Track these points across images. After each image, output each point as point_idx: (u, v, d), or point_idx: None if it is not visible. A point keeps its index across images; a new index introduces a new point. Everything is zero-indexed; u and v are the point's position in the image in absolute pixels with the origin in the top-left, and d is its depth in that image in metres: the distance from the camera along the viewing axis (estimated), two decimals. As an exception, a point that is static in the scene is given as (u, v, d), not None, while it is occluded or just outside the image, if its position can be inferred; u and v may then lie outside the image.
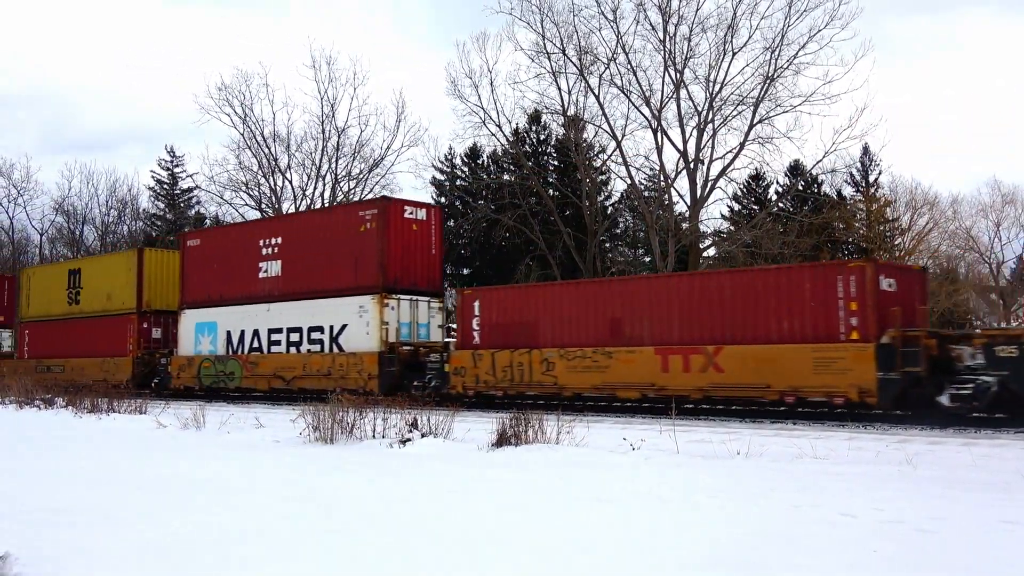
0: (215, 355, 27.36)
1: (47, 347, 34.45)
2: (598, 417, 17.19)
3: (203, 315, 27.91)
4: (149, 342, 30.38)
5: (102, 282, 32.26)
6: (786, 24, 34.70)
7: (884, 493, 7.93)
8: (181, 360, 28.38)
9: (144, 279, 30.38)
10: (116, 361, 30.39)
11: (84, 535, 6.53)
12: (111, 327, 31.02)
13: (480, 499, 8.10)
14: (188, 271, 28.77)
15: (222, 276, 27.53)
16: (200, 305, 28.03)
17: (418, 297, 23.47)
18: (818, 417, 16.06)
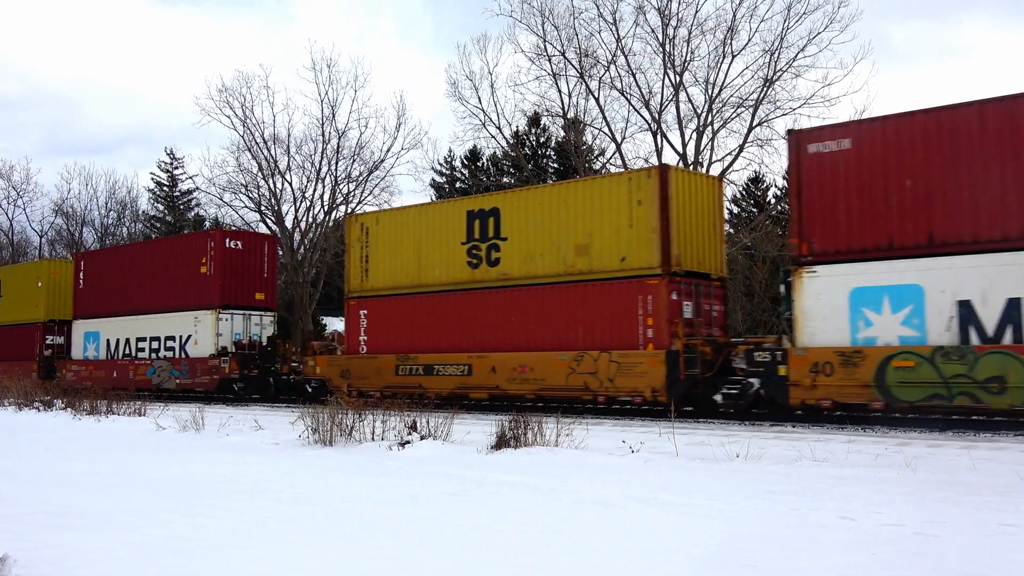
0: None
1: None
2: (597, 420, 17.20)
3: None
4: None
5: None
6: (785, 27, 34.74)
7: (883, 496, 7.93)
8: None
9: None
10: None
11: (83, 537, 6.53)
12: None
13: (479, 502, 8.10)
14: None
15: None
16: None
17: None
18: (817, 420, 16.08)
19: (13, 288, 36.32)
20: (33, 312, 34.75)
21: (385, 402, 14.18)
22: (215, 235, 28.20)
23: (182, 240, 31.57)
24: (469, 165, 52.98)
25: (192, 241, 29.56)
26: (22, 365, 33.91)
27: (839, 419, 16.01)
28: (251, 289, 28.19)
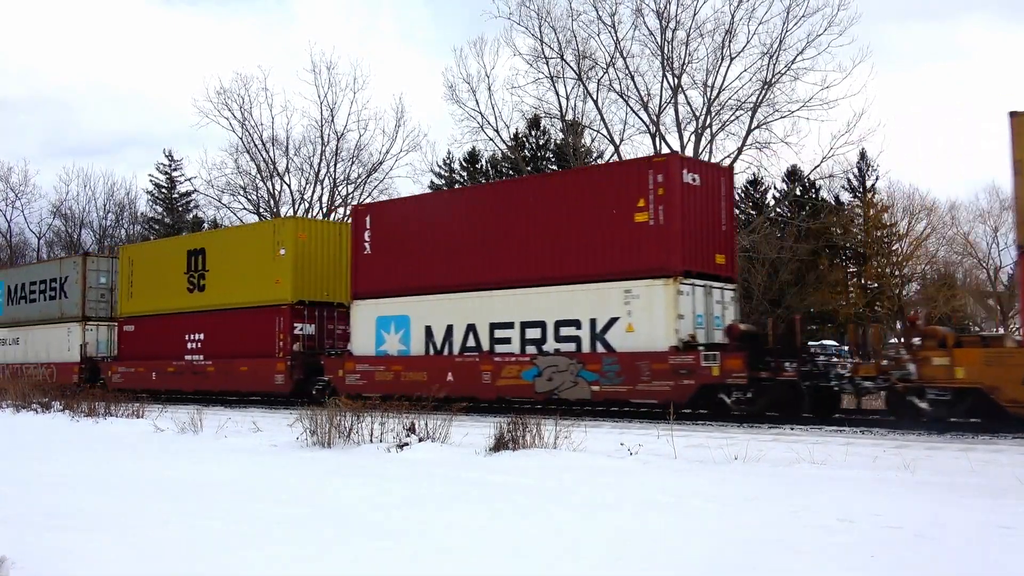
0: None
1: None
2: (596, 422, 17.20)
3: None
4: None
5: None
6: (784, 29, 34.81)
7: (882, 498, 7.93)
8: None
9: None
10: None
11: (81, 539, 6.53)
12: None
13: (477, 503, 8.10)
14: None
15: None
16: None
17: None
18: (815, 423, 16.08)
19: (230, 258, 26.66)
20: (270, 291, 25.04)
21: (384, 404, 14.16)
22: (666, 162, 17.91)
23: (590, 174, 21.29)
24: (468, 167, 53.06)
25: (615, 174, 19.08)
26: (254, 364, 25.20)
27: (837, 421, 16.02)
28: (710, 248, 18.61)
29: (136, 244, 37.40)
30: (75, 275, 32.50)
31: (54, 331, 32.96)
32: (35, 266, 38.18)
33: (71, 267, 33.13)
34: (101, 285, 32.44)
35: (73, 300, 32.42)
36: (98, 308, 32.22)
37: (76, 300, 32.27)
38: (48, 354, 33.10)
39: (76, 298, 32.27)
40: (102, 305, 32.24)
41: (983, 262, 55.44)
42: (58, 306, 33.14)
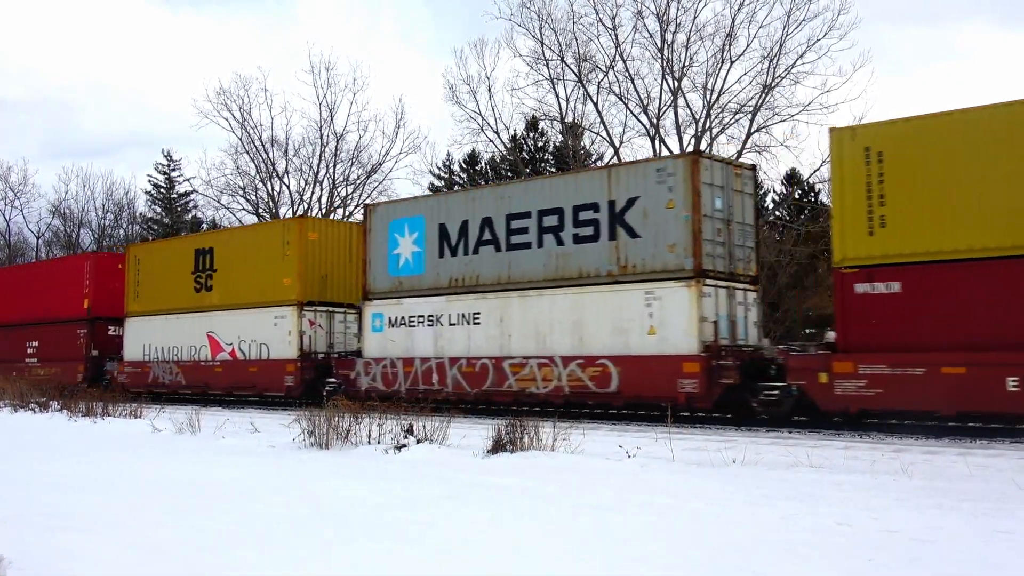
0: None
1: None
2: (594, 424, 17.20)
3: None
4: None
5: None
6: (784, 33, 34.85)
7: (880, 502, 7.94)
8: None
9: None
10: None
11: (79, 539, 6.52)
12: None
13: (475, 506, 8.09)
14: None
15: None
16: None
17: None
18: (815, 426, 16.09)
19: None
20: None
21: (382, 405, 14.17)
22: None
23: None
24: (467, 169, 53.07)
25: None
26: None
27: (836, 425, 16.02)
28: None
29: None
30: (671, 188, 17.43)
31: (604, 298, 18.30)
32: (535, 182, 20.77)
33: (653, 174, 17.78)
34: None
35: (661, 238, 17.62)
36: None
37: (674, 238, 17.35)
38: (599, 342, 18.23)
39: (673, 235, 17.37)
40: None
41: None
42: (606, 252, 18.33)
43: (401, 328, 21.53)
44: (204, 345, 26.87)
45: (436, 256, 21.06)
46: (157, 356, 28.35)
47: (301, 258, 24.22)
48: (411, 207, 22.11)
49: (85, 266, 32.09)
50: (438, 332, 20.79)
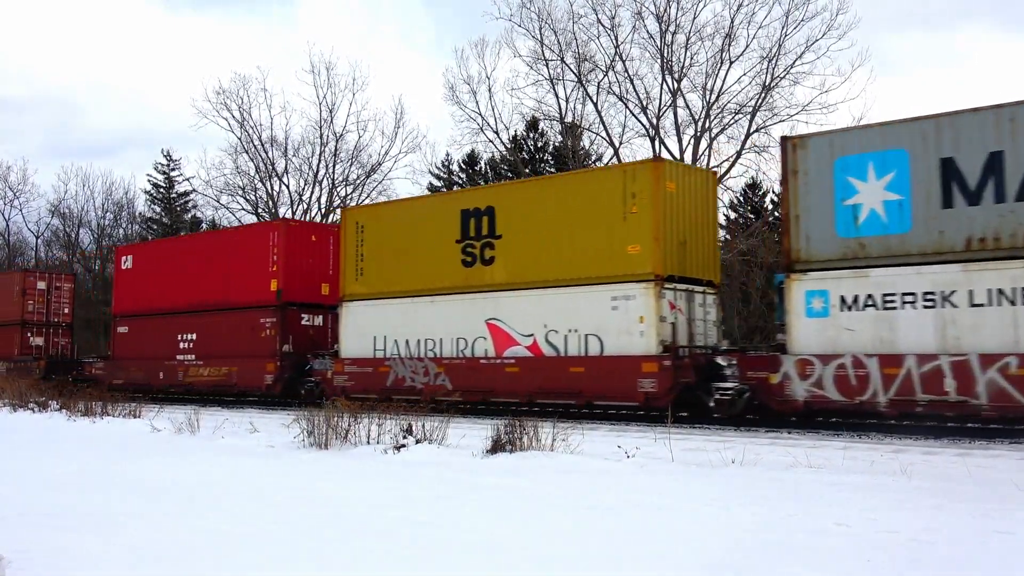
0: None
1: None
2: (593, 424, 17.19)
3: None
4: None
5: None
6: (783, 34, 34.83)
7: (878, 503, 7.94)
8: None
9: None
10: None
11: (77, 539, 6.52)
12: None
13: (474, 506, 8.09)
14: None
15: None
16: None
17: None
18: (814, 427, 16.09)
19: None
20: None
21: (381, 405, 14.17)
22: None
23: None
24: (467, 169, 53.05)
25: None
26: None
27: (835, 426, 16.03)
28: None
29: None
30: None
31: None
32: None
33: None
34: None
35: None
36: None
37: None
38: None
39: None
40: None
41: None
42: None
43: (867, 311, 15.29)
44: (483, 336, 20.16)
45: (936, 205, 14.75)
46: (398, 352, 21.59)
47: (657, 216, 17.81)
48: (878, 137, 15.48)
49: (272, 237, 25.34)
50: (946, 316, 14.47)
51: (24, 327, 37.10)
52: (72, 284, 40.04)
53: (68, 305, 38.87)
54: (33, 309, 37.38)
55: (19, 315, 36.97)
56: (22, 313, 36.92)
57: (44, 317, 37.74)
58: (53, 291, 38.15)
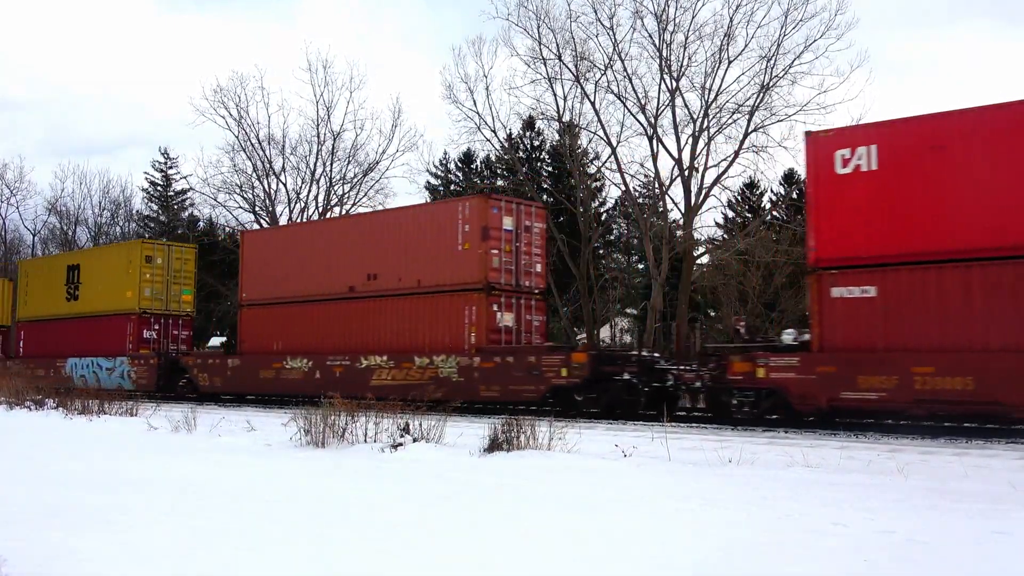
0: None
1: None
2: (590, 423, 17.20)
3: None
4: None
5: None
6: (782, 33, 34.76)
7: (875, 502, 7.94)
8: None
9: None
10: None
11: (75, 537, 6.50)
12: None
13: (471, 505, 8.08)
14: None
15: None
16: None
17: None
18: (810, 426, 16.10)
19: None
20: None
21: (378, 404, 14.15)
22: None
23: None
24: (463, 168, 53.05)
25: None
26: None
27: (832, 425, 16.04)
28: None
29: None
30: None
31: None
32: None
33: None
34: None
35: None
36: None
37: None
38: None
39: None
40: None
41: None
42: None
43: None
44: None
45: None
46: None
47: None
48: None
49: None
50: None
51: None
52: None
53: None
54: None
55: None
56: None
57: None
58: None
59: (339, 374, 23.22)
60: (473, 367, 20.72)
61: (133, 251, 31.26)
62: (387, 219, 24.63)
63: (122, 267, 30.92)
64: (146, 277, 30.45)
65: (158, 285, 30.75)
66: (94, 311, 31.84)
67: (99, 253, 36.10)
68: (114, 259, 31.98)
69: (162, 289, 30.82)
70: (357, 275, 23.75)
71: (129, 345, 30.35)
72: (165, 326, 30.95)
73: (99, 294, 31.68)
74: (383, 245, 23.40)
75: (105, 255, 33.80)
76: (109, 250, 36.21)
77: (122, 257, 31.39)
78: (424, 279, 22.24)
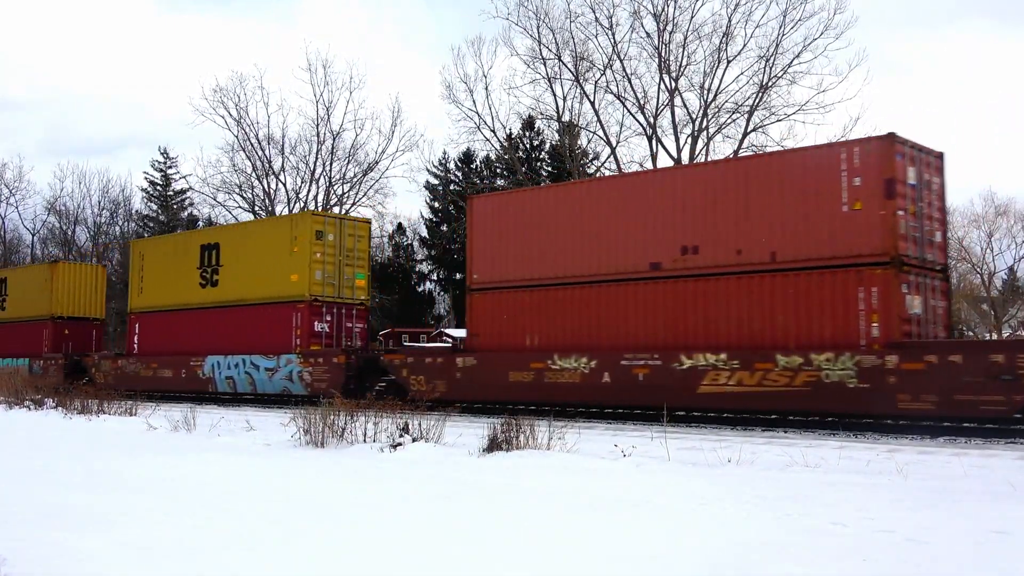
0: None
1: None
2: (589, 423, 17.19)
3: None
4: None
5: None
6: (781, 33, 34.82)
7: (874, 502, 7.94)
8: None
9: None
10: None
11: (73, 536, 6.50)
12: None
13: (470, 505, 8.09)
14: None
15: None
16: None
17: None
18: (809, 426, 16.08)
19: None
20: None
21: (377, 403, 14.17)
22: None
23: None
24: (463, 167, 53.07)
25: None
26: None
27: (831, 425, 16.01)
28: None
29: None
30: None
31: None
32: None
33: None
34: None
35: None
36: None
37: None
38: None
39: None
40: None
41: (977, 267, 55.53)
42: None
43: None
44: None
45: None
46: None
47: None
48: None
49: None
50: None
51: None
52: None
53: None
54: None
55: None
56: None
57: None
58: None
59: (643, 377, 17.74)
60: (885, 369, 14.96)
61: (301, 225, 24.78)
62: (712, 174, 18.38)
63: (285, 245, 24.77)
64: (316, 257, 24.20)
65: (330, 267, 24.61)
66: (243, 299, 25.75)
67: (247, 229, 29.11)
68: (272, 236, 25.71)
69: (334, 272, 24.73)
70: (664, 248, 18.03)
71: (296, 340, 24.10)
72: (338, 316, 24.83)
73: (252, 278, 25.62)
74: (704, 207, 17.65)
75: (257, 231, 27.52)
76: (263, 225, 30.38)
77: (284, 233, 25.11)
78: (782, 251, 16.54)
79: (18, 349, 34.79)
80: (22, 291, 35.55)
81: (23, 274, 37.87)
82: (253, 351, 25.09)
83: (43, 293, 33.96)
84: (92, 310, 34.87)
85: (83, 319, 34.46)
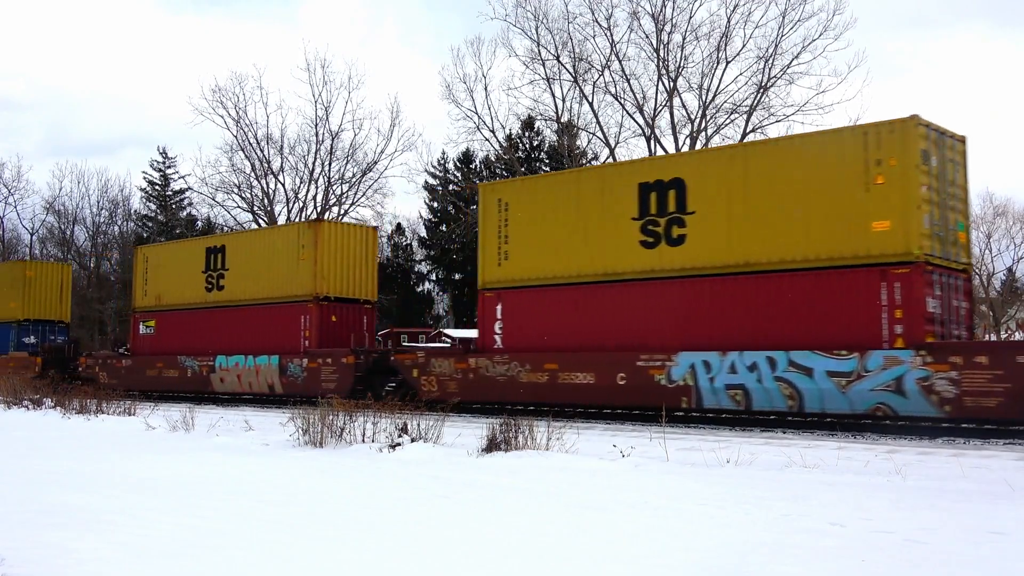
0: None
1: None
2: (588, 424, 17.18)
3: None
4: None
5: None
6: (780, 33, 34.84)
7: (873, 503, 7.94)
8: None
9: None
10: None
11: (72, 536, 6.50)
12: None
13: (469, 505, 8.09)
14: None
15: None
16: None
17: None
18: (808, 426, 16.09)
19: None
20: None
21: (376, 404, 14.16)
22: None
23: None
24: (462, 167, 53.06)
25: None
26: None
27: (829, 425, 16.02)
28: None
29: None
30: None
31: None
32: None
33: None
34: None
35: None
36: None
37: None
38: None
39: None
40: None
41: (975, 267, 55.64)
42: None
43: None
44: None
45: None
46: None
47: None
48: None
49: None
50: None
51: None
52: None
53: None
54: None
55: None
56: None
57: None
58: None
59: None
60: None
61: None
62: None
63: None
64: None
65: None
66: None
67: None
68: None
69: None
70: None
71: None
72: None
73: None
74: None
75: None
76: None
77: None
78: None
79: (256, 343, 25.05)
80: (258, 259, 25.34)
81: (267, 237, 26.45)
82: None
83: (301, 265, 24.02)
84: (363, 290, 25.04)
85: (353, 300, 24.83)
